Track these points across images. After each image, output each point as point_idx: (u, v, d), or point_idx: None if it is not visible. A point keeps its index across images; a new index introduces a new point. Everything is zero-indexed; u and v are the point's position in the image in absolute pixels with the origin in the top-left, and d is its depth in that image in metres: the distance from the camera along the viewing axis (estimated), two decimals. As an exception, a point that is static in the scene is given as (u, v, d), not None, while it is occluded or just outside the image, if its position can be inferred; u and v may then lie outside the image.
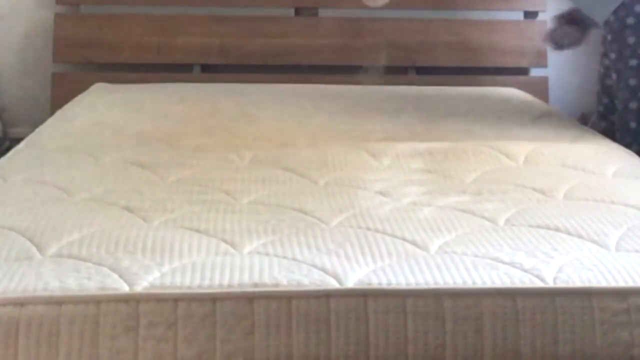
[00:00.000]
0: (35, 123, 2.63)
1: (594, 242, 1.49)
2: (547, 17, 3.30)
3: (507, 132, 2.35)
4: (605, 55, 2.52)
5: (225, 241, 1.47)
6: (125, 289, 1.28)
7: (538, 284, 1.32)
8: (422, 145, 2.14)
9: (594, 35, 2.62)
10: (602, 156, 2.09)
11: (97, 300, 1.26)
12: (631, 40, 2.29)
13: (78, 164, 2.00)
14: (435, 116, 2.59)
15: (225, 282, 1.30)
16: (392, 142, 2.18)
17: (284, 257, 1.40)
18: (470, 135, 2.30)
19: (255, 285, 1.30)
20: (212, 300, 1.27)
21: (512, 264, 1.38)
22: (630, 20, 2.29)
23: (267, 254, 1.41)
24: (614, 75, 2.37)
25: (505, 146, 2.15)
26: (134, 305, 1.26)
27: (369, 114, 2.47)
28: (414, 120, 2.54)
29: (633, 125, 2.36)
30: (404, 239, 1.49)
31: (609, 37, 2.35)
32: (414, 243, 1.47)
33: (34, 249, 1.43)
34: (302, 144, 2.23)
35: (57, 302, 1.25)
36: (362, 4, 3.21)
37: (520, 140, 2.23)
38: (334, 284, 1.31)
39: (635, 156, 2.12)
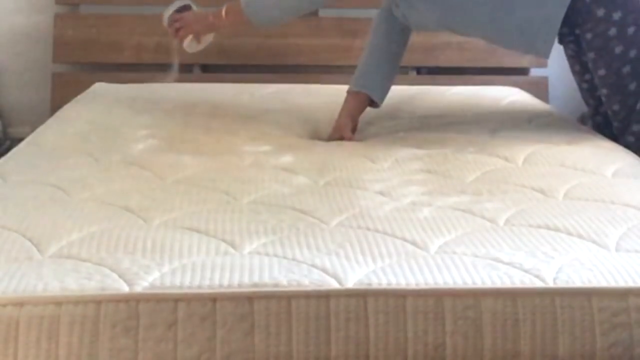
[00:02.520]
0: (35, 123, 2.63)
1: (594, 242, 1.49)
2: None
3: (507, 132, 2.35)
4: (582, 72, 2.47)
5: (225, 241, 1.47)
6: (125, 289, 1.28)
7: (538, 284, 1.32)
8: (421, 152, 2.13)
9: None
10: (602, 156, 2.09)
11: (97, 300, 1.26)
12: (618, 50, 2.26)
13: (78, 164, 2.00)
14: (434, 116, 2.60)
15: (225, 282, 1.30)
16: (391, 148, 2.18)
17: (284, 257, 1.40)
18: (469, 135, 2.30)
19: (255, 285, 1.30)
20: (212, 300, 1.27)
21: (512, 264, 1.38)
22: (612, 32, 2.25)
23: (267, 254, 1.41)
24: (604, 90, 2.34)
25: (504, 146, 2.15)
26: (134, 305, 1.26)
27: (369, 114, 2.47)
28: (413, 120, 2.55)
29: (636, 127, 2.34)
30: (404, 239, 1.49)
31: (592, 56, 2.30)
32: (414, 243, 1.47)
33: (34, 249, 1.43)
34: (302, 144, 2.24)
35: (57, 302, 1.25)
36: (362, 5, 3.22)
37: (520, 140, 2.23)
38: (334, 284, 1.31)
39: (635, 156, 2.12)
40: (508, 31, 2.29)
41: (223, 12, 2.40)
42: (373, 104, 2.46)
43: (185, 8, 2.47)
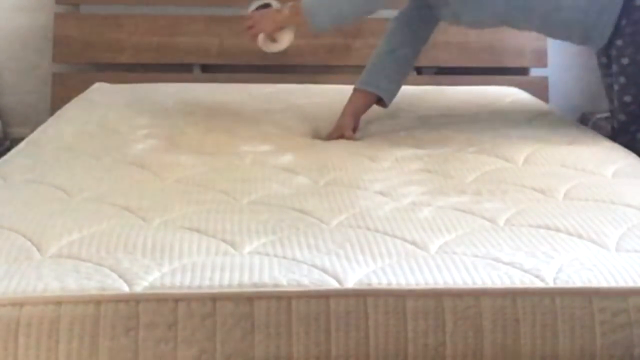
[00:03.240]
0: (35, 123, 2.63)
1: (594, 242, 1.49)
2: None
3: (507, 131, 2.35)
4: (609, 65, 2.45)
5: (225, 241, 1.47)
6: (125, 289, 1.28)
7: (538, 284, 1.32)
8: (421, 151, 2.13)
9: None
10: (602, 156, 2.09)
11: (97, 301, 1.26)
12: None
13: (78, 164, 2.00)
14: (434, 116, 2.59)
15: (225, 282, 1.30)
16: (391, 147, 2.18)
17: (284, 257, 1.40)
18: (469, 134, 2.30)
19: (255, 285, 1.30)
20: (212, 300, 1.27)
21: (512, 264, 1.38)
22: None
23: (267, 254, 1.41)
24: (621, 79, 2.33)
25: (504, 146, 2.15)
26: (134, 305, 1.26)
27: (369, 114, 2.47)
28: (413, 120, 2.54)
29: None
30: (404, 239, 1.49)
31: (619, 43, 2.29)
32: (414, 243, 1.47)
33: (34, 249, 1.43)
34: (302, 144, 2.24)
35: (57, 302, 1.25)
36: None
37: (520, 140, 2.23)
38: (334, 284, 1.31)
39: (635, 156, 2.12)
40: (565, 23, 2.29)
41: (287, 10, 2.33)
42: (379, 102, 2.45)
43: (265, 6, 2.38)
